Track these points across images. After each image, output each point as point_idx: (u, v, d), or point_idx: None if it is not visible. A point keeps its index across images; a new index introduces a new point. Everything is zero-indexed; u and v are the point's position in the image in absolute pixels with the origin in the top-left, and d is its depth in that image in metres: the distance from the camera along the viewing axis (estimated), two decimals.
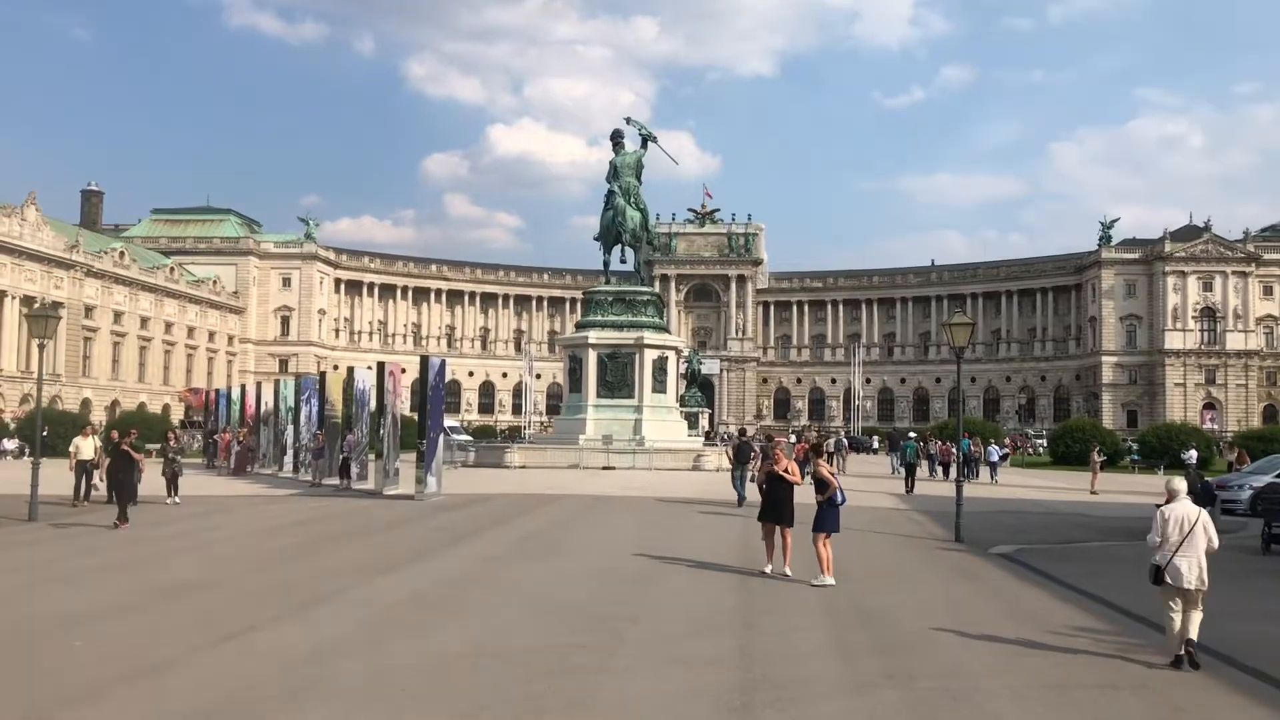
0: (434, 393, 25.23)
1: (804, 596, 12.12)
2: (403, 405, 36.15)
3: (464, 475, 36.50)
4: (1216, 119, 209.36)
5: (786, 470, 13.86)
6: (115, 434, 22.26)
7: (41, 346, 20.17)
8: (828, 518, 13.21)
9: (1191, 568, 9.19)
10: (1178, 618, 9.09)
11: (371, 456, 30.10)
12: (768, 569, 13.83)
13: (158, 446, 23.57)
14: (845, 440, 50.29)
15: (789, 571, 13.52)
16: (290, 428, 36.43)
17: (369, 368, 31.40)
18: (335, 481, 29.92)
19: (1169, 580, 9.27)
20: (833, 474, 13.61)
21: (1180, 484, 9.80)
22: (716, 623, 10.39)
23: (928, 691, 7.89)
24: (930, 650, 9.42)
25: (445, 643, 9.16)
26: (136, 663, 8.21)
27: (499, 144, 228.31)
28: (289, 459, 36.21)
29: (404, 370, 31.58)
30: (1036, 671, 8.72)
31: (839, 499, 13.26)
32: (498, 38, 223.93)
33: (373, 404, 29.88)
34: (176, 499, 22.50)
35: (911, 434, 39.21)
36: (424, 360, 25.29)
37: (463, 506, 23.24)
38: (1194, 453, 36.68)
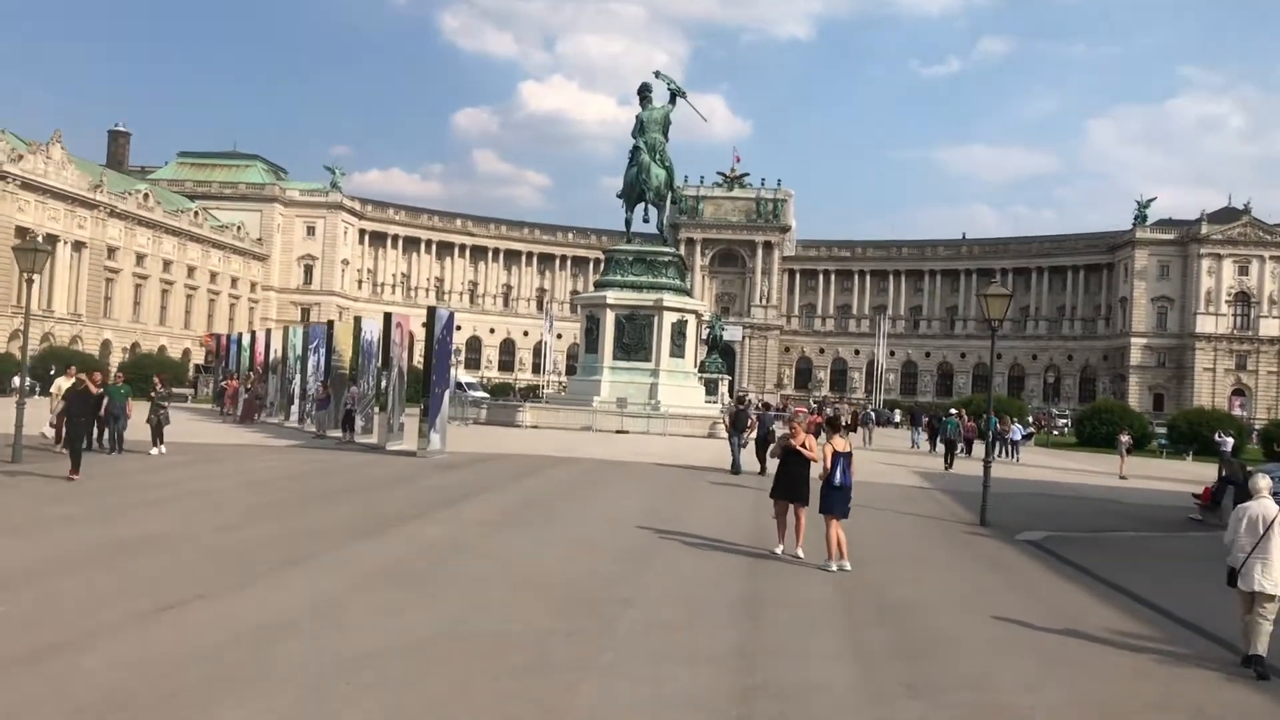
0: (440, 346, 24.27)
1: (817, 584, 11.12)
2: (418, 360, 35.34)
3: (473, 433, 35.70)
4: (1258, 100, 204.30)
5: (804, 445, 12.81)
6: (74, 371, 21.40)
7: (30, 281, 19.29)
8: (832, 500, 12.14)
9: (1267, 571, 8.16)
10: (1264, 624, 8.14)
11: (377, 410, 29.31)
12: (778, 549, 12.84)
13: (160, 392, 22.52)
14: (873, 414, 48.72)
15: (801, 553, 12.52)
16: (298, 377, 35.72)
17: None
18: (339, 434, 29.18)
19: (1241, 585, 8.29)
20: (841, 451, 12.32)
21: (1263, 481, 8.70)
22: (718, 612, 9.39)
23: (955, 710, 6.86)
24: (957, 656, 8.39)
25: (412, 624, 8.20)
26: (53, 635, 7.29)
27: (530, 100, 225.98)
28: (296, 409, 35.54)
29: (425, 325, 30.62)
30: (1077, 687, 7.67)
31: (836, 480, 12.14)
32: None
33: (380, 357, 29.01)
34: (162, 449, 21.50)
35: (952, 411, 38.18)
36: (431, 312, 24.31)
37: (465, 466, 22.36)
38: (1230, 439, 35.18)
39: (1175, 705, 7.42)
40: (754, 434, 24.82)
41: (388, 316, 26.48)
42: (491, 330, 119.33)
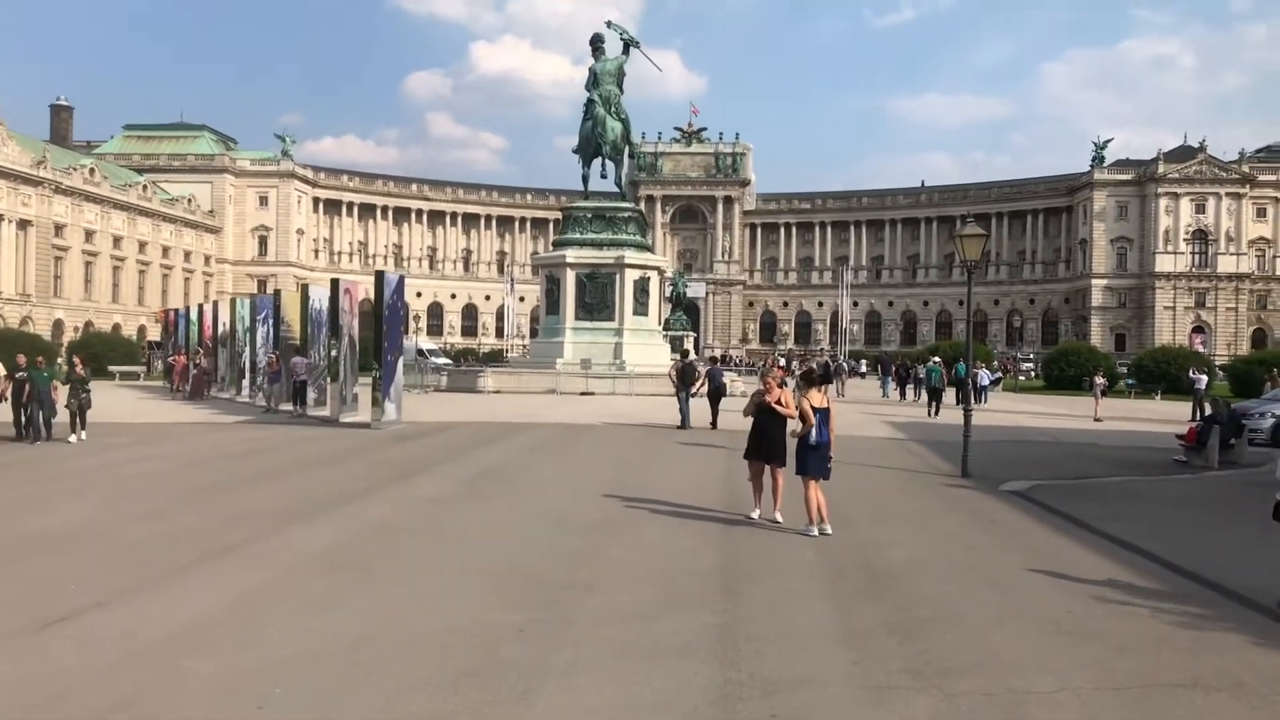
0: (391, 312, 23.03)
1: (799, 550, 10.22)
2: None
3: (433, 401, 34.55)
4: (1209, 38, 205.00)
5: (779, 402, 11.86)
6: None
7: None
8: (810, 459, 11.22)
9: None
10: None
11: (329, 381, 28.02)
12: (755, 514, 11.94)
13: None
14: (845, 365, 48.02)
15: (779, 518, 11.63)
16: (247, 350, 34.32)
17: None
18: (290, 407, 27.93)
19: None
20: (819, 407, 11.40)
21: None
22: (692, 591, 8.45)
23: (969, 701, 5.96)
24: (961, 630, 7.52)
25: (344, 623, 7.16)
26: None
27: (482, 62, 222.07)
28: (246, 383, 34.18)
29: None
30: (1099, 663, 6.82)
31: (812, 438, 11.23)
32: None
33: (329, 325, 27.64)
34: (81, 435, 19.71)
35: (935, 359, 37.68)
36: (379, 276, 23.02)
37: (421, 436, 21.26)
38: (1204, 377, 34.80)
39: (1211, 679, 6.58)
40: (704, 388, 24.75)
41: (335, 283, 25.15)
42: (453, 296, 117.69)
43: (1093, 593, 8.80)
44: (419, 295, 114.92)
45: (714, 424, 23.84)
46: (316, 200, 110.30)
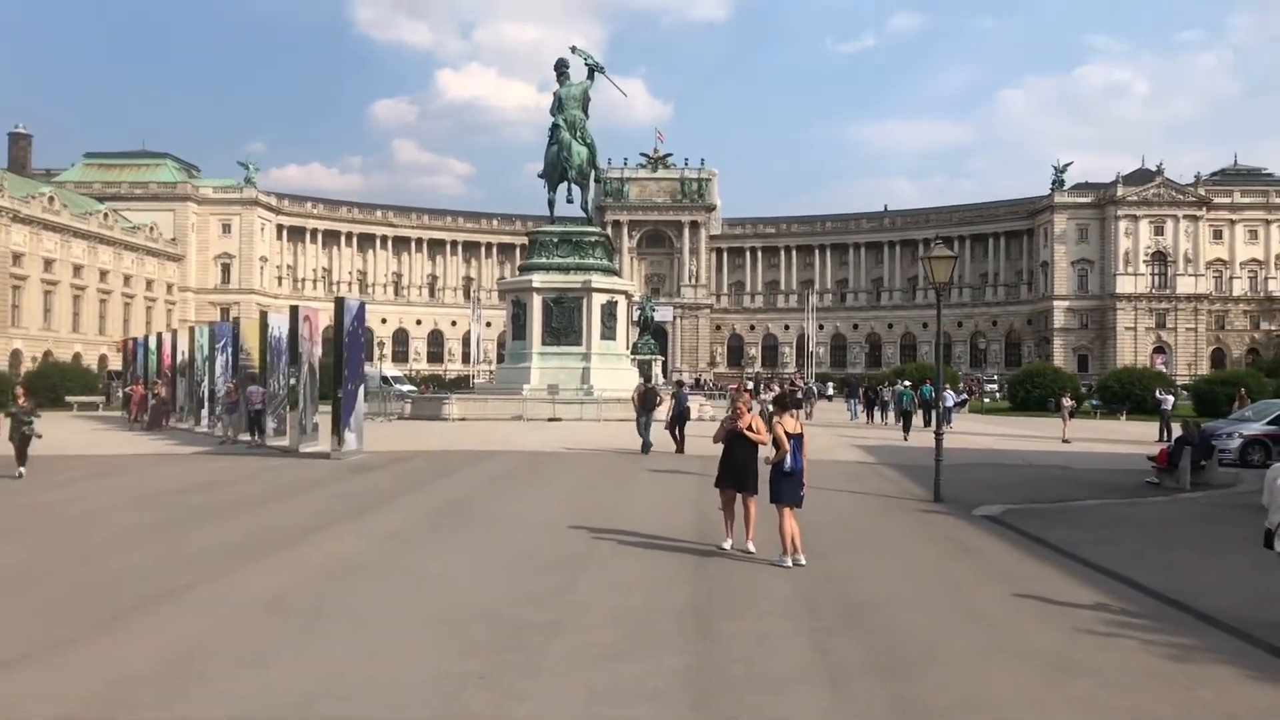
0: (351, 339, 22.47)
1: (774, 583, 9.83)
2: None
3: (396, 429, 33.88)
4: (1161, 66, 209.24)
5: (750, 427, 11.50)
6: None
7: None
8: (784, 487, 10.88)
9: None
10: None
11: (288, 410, 27.33)
12: (726, 544, 11.55)
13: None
14: (814, 388, 47.46)
15: (752, 548, 11.25)
16: (206, 379, 33.50)
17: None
18: (248, 438, 27.19)
19: (1277, 548, 7.34)
20: (792, 433, 11.07)
21: None
22: (664, 629, 8.02)
23: None
24: (944, 667, 7.15)
25: (289, 678, 6.65)
26: None
27: (448, 89, 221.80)
28: (206, 413, 33.33)
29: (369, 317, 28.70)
30: (1092, 700, 6.48)
31: (787, 464, 10.90)
32: None
33: (289, 353, 26.98)
34: (22, 470, 18.54)
35: (906, 382, 37.87)
36: (339, 303, 22.47)
37: (382, 467, 20.66)
38: (1171, 398, 34.93)
39: (1209, 717, 6.26)
40: (669, 412, 25.04)
41: (294, 309, 24.55)
42: (418, 322, 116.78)
43: (1078, 623, 8.49)
44: (384, 322, 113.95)
45: (680, 449, 24.01)
46: (280, 227, 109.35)
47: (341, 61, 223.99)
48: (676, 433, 24.65)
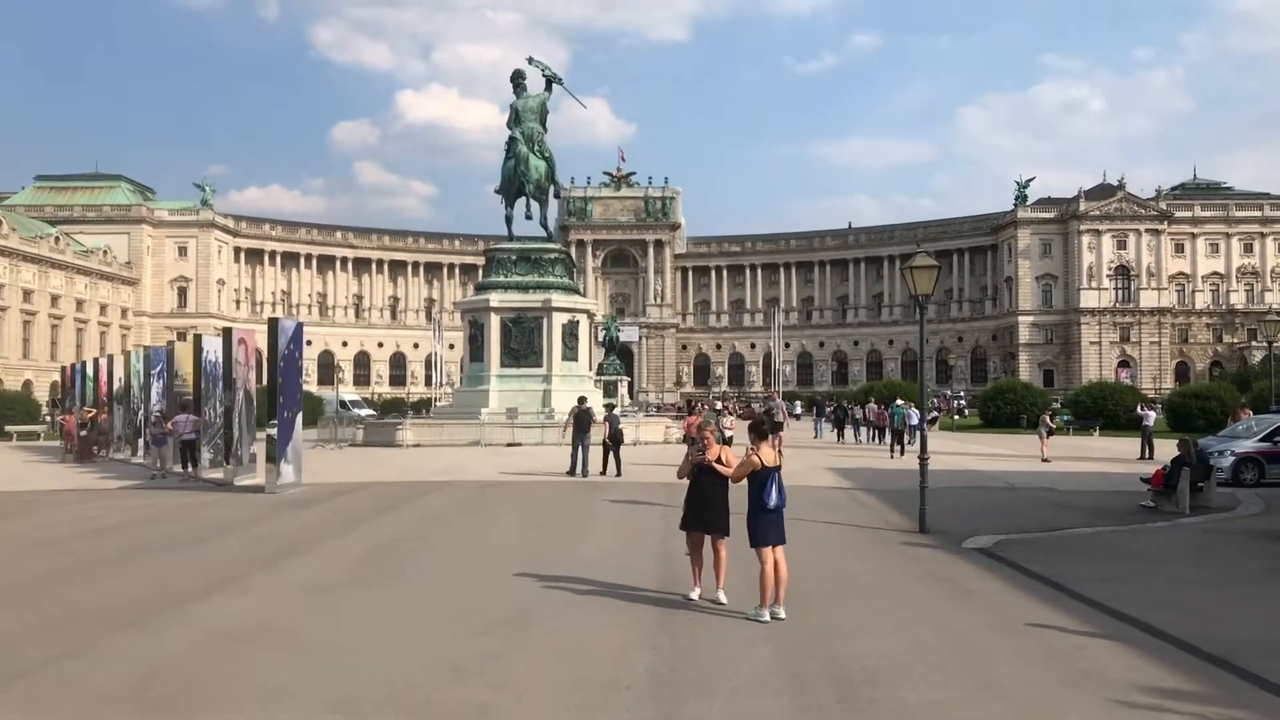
0: (286, 362, 20.79)
1: (751, 644, 8.36)
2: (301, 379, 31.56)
3: (346, 457, 32.16)
4: (1116, 84, 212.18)
5: (720, 460, 10.04)
6: None
7: None
8: (767, 528, 9.45)
9: None
10: None
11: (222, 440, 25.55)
12: (694, 594, 10.09)
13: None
14: (784, 405, 45.57)
15: (724, 598, 9.81)
16: (143, 406, 31.60)
17: (216, 333, 26.58)
18: (180, 470, 25.39)
19: None
20: (771, 465, 9.59)
21: None
22: (619, 714, 6.54)
23: None
24: None
25: None
26: None
27: (409, 110, 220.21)
28: (142, 443, 31.40)
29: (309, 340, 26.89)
30: None
31: (772, 500, 9.48)
32: (405, 2, 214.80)
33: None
34: None
35: (900, 400, 36.94)
36: (272, 324, 20.80)
37: (319, 501, 18.99)
38: (1152, 414, 33.97)
39: None
40: (608, 432, 24.75)
41: (227, 331, 22.87)
42: (380, 344, 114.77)
43: (1114, 692, 7.12)
44: (345, 345, 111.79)
45: (617, 471, 23.80)
46: (238, 250, 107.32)
47: (301, 84, 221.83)
48: (613, 456, 24.32)
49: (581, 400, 26.27)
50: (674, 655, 8.01)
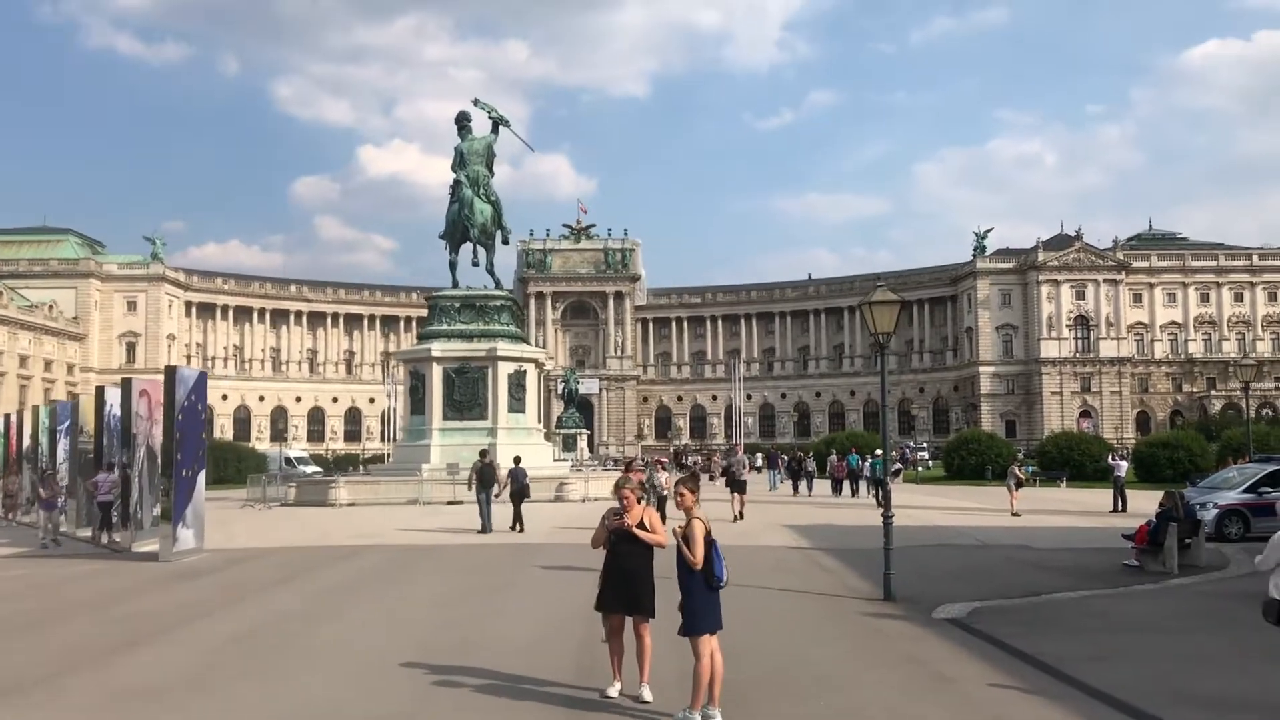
0: (187, 416, 18.75)
1: None
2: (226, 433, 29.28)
3: (272, 518, 29.92)
4: (1068, 138, 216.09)
5: (644, 524, 8.22)
6: None
7: None
8: (707, 611, 7.65)
9: None
10: None
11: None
12: (613, 690, 8.23)
13: None
14: (744, 459, 42.17)
15: (648, 695, 7.98)
16: (50, 465, 29.18)
17: (116, 385, 24.41)
18: (89, 534, 23.13)
19: None
20: (708, 530, 7.84)
21: None
22: None
23: None
24: None
25: None
26: None
27: (370, 165, 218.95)
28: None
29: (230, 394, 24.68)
30: None
31: (719, 577, 7.70)
32: (368, 59, 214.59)
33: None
34: None
35: (878, 451, 35.21)
36: (169, 373, 18.79)
37: (214, 571, 16.85)
38: (1124, 464, 32.60)
39: None
40: (510, 490, 24.22)
41: (126, 382, 20.82)
42: (334, 399, 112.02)
43: None
44: (299, 400, 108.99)
45: (519, 526, 23.03)
46: (189, 304, 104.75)
47: (262, 140, 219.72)
48: (515, 511, 23.53)
49: (483, 453, 25.68)
50: None
